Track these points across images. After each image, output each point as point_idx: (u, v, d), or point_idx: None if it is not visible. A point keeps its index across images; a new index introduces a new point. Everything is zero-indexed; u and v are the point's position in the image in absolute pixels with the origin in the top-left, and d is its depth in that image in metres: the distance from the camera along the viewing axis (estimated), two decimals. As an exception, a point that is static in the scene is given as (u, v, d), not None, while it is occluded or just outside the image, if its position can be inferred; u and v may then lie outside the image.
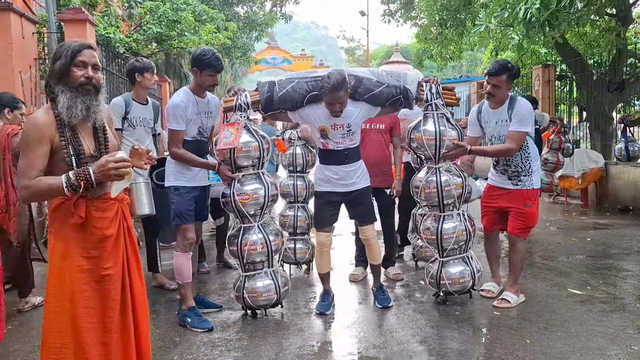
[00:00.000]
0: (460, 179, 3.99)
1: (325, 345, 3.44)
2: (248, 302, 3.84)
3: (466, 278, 4.03)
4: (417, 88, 3.94)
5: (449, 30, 11.05)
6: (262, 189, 3.79)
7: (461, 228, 3.99)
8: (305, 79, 3.84)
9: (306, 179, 5.14)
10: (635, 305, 4.02)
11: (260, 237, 3.82)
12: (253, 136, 3.77)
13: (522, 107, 3.95)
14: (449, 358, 3.16)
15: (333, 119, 3.81)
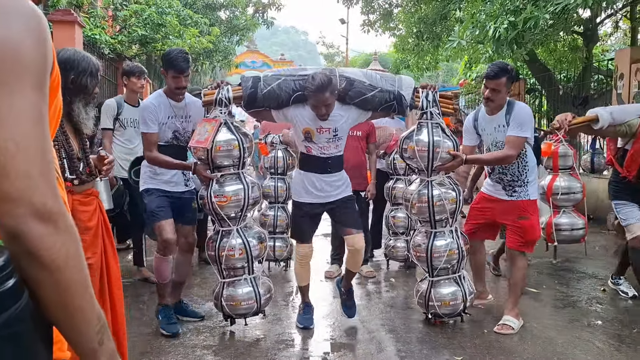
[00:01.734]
0: (454, 193, 3.69)
1: (302, 333, 3.75)
2: (227, 310, 3.62)
3: (457, 300, 3.73)
4: (412, 94, 3.69)
5: (425, 42, 11.50)
6: (242, 190, 3.51)
7: (453, 246, 3.70)
8: (293, 77, 3.57)
9: (286, 181, 5.46)
10: (584, 302, 4.42)
11: (239, 242, 3.55)
12: (233, 134, 3.47)
13: (521, 111, 3.71)
14: (414, 345, 3.50)
15: (319, 121, 3.54)
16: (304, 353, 3.41)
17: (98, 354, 0.92)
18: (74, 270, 0.86)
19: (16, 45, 0.85)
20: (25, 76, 0.85)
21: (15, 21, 0.86)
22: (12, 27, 0.85)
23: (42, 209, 0.81)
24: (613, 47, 18.89)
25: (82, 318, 0.89)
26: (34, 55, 0.87)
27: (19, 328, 0.83)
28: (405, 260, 5.52)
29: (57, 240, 0.83)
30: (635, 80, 8.58)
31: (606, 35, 16.93)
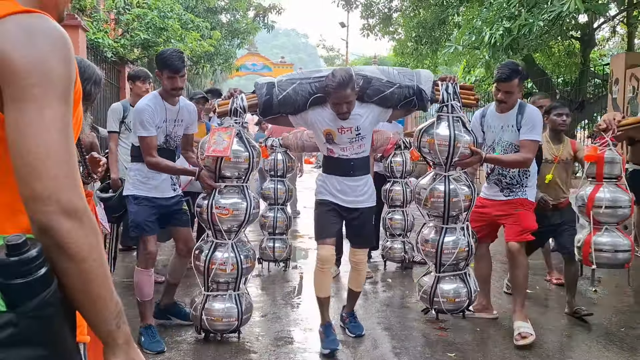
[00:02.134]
0: (469, 190, 3.64)
1: (301, 331, 3.87)
2: (205, 324, 3.45)
3: (462, 297, 3.68)
4: (432, 88, 3.57)
5: (424, 46, 11.64)
6: (243, 204, 3.42)
7: (463, 243, 3.64)
8: (308, 79, 3.47)
9: (286, 183, 5.59)
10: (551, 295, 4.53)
11: (232, 256, 3.43)
12: (244, 146, 3.39)
13: (533, 114, 3.68)
14: (408, 342, 3.62)
15: (340, 121, 3.41)
16: (302, 350, 3.53)
17: (115, 335, 1.04)
18: (96, 261, 0.99)
19: (45, 64, 0.98)
20: (53, 91, 0.98)
21: (43, 42, 0.99)
22: (41, 47, 0.99)
23: (69, 206, 0.93)
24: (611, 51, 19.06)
25: (103, 304, 1.01)
26: (60, 72, 1.00)
27: (49, 311, 0.96)
28: (402, 261, 5.64)
29: (82, 235, 0.95)
30: (630, 86, 8.70)
31: (604, 40, 17.09)
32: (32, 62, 0.96)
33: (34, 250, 0.93)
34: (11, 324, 0.91)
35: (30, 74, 0.95)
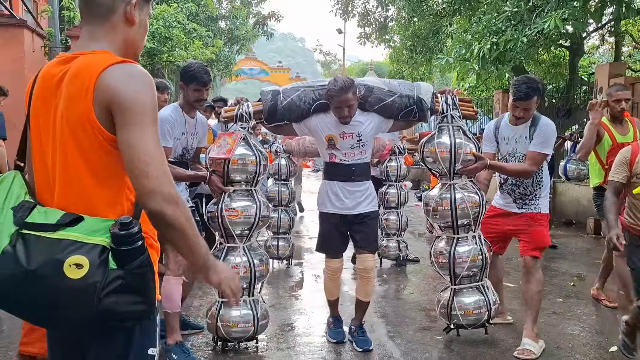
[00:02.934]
0: (477, 196, 3.59)
1: (305, 318, 4.30)
2: (222, 332, 3.43)
3: (482, 309, 3.59)
4: (431, 99, 3.66)
5: (419, 55, 12.11)
6: (253, 207, 3.45)
7: (476, 252, 3.57)
8: (312, 87, 3.61)
9: (289, 186, 6.02)
10: (553, 294, 4.97)
11: (244, 260, 3.44)
12: (251, 150, 3.47)
13: (547, 128, 3.63)
14: (401, 327, 4.06)
15: (342, 126, 3.52)
16: (307, 334, 3.95)
17: (208, 265, 1.53)
18: (190, 227, 1.44)
19: (142, 98, 1.44)
20: (148, 117, 1.44)
21: (139, 83, 1.46)
22: (139, 87, 1.45)
23: (169, 196, 1.39)
24: (601, 58, 19.58)
25: (197, 250, 1.48)
26: (151, 103, 1.46)
27: (144, 270, 1.42)
28: (397, 259, 6.08)
29: (180, 213, 1.40)
30: (613, 94, 9.17)
31: (593, 48, 17.59)
32: (135, 97, 1.42)
33: (135, 228, 1.39)
34: (120, 277, 1.36)
35: (135, 106, 1.41)
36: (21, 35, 7.39)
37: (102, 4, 1.53)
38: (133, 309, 1.39)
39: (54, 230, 1.34)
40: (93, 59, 1.45)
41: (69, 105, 1.43)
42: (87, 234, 1.35)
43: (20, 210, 1.40)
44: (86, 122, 1.41)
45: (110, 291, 1.33)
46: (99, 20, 1.54)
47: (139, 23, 1.60)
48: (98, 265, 1.32)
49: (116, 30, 1.56)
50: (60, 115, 1.45)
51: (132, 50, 1.63)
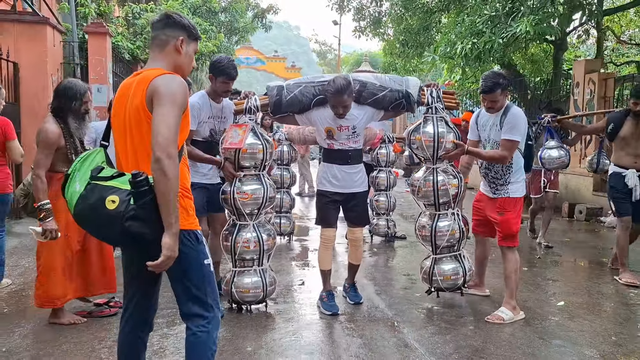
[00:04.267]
0: (456, 179, 4.08)
1: (305, 280, 5.05)
2: (235, 297, 3.97)
3: (458, 275, 4.12)
4: (418, 92, 4.08)
5: (410, 49, 12.80)
6: (261, 189, 3.92)
7: (455, 227, 4.08)
8: (312, 83, 4.04)
9: (290, 170, 6.76)
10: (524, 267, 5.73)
11: (254, 235, 3.93)
12: (259, 139, 3.89)
13: (514, 116, 3.98)
14: (388, 288, 4.82)
15: (339, 120, 3.99)
16: (308, 291, 4.71)
17: (171, 228, 2.10)
18: (175, 180, 2.09)
19: (172, 91, 2.16)
20: (174, 102, 2.16)
21: (174, 84, 2.19)
22: (172, 85, 2.18)
23: (170, 153, 2.07)
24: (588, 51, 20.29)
25: (171, 205, 2.08)
26: (180, 95, 2.18)
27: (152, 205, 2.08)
28: (386, 235, 6.84)
29: (172, 166, 2.07)
30: (588, 89, 9.93)
31: (580, 43, 18.27)
32: (166, 89, 2.16)
33: (141, 178, 2.08)
34: (133, 209, 2.06)
35: (164, 94, 2.15)
36: (44, 32, 8.03)
37: (161, 40, 2.33)
38: (141, 231, 2.08)
39: (105, 181, 2.15)
40: (151, 72, 2.24)
41: (133, 100, 2.21)
42: (122, 183, 2.12)
43: (95, 170, 2.21)
44: (140, 110, 2.19)
45: (128, 217, 2.05)
46: (158, 49, 2.35)
47: (185, 54, 2.37)
48: (123, 201, 2.07)
49: (168, 56, 2.34)
50: (128, 108, 2.24)
51: (180, 71, 2.37)
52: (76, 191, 2.22)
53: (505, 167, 4.07)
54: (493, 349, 3.46)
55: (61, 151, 3.71)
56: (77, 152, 3.76)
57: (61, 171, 3.66)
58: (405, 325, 3.87)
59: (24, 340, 3.53)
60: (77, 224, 2.32)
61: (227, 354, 3.32)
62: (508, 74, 13.47)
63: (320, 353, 3.40)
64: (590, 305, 4.41)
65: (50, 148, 3.64)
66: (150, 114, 2.17)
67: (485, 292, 4.64)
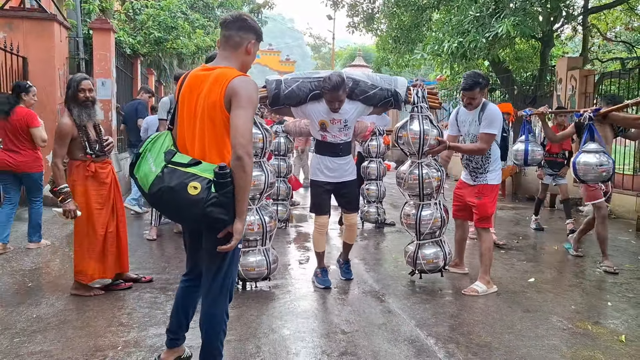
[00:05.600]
0: (439, 173, 4.44)
1: (302, 258, 5.52)
2: (242, 274, 4.31)
3: (439, 259, 4.53)
4: (406, 92, 4.44)
5: (402, 45, 13.24)
6: (262, 175, 4.24)
7: (437, 215, 4.47)
8: (309, 79, 4.33)
9: (287, 161, 7.20)
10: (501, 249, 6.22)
11: (257, 218, 4.22)
12: (259, 129, 4.21)
13: (491, 112, 4.37)
14: (377, 265, 5.29)
15: (332, 114, 4.30)
16: (302, 268, 5.18)
17: (243, 215, 2.44)
18: (250, 177, 2.43)
19: (248, 94, 2.46)
20: (252, 105, 2.47)
21: (250, 86, 2.48)
22: (249, 88, 2.47)
23: (249, 152, 2.38)
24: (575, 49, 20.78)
25: (245, 199, 2.42)
26: (255, 98, 2.49)
27: (231, 194, 2.39)
28: (376, 222, 7.31)
29: (251, 163, 2.40)
30: (570, 85, 10.42)
31: (567, 39, 18.75)
32: (246, 93, 2.42)
33: (228, 170, 2.38)
34: (215, 197, 2.35)
35: (244, 97, 2.41)
36: (52, 28, 8.41)
37: (235, 41, 2.60)
38: (220, 216, 2.35)
39: (185, 167, 2.42)
40: (227, 70, 2.50)
41: (209, 95, 2.47)
42: (202, 171, 2.38)
43: (168, 154, 2.48)
44: (217, 106, 2.44)
45: (210, 204, 2.31)
46: (231, 49, 2.61)
47: (253, 54, 2.67)
48: (205, 188, 2.33)
49: (239, 56, 2.62)
50: (202, 101, 2.49)
51: (245, 70, 2.66)
52: (152, 172, 2.45)
53: (484, 157, 4.50)
54: (466, 315, 3.94)
55: (76, 140, 4.18)
56: (90, 140, 4.23)
57: (79, 158, 4.22)
58: (390, 296, 4.34)
59: (51, 309, 3.96)
60: (150, 204, 2.57)
61: (233, 319, 3.78)
62: (495, 70, 14.01)
63: (314, 318, 3.87)
64: (557, 281, 4.90)
65: (63, 139, 4.12)
66: (227, 112, 2.41)
67: (465, 270, 5.11)
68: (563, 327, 3.74)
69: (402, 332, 3.59)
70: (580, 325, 3.79)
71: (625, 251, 6.24)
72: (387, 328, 3.67)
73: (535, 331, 3.66)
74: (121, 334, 3.49)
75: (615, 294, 4.55)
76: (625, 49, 17.46)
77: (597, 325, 3.80)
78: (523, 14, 6.83)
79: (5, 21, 8.19)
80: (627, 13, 16.12)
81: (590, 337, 3.59)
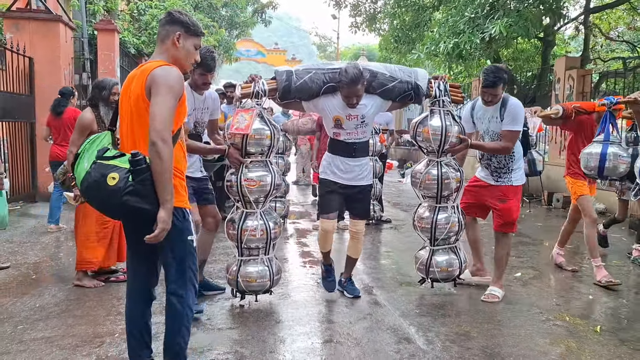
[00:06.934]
0: (459, 173, 4.09)
1: (302, 252, 5.69)
2: (241, 286, 3.85)
3: (454, 267, 4.17)
4: (427, 85, 4.02)
5: (403, 45, 13.40)
6: (268, 176, 3.78)
7: (454, 219, 4.12)
8: (322, 70, 3.91)
9: (285, 159, 7.39)
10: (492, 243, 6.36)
11: (261, 223, 3.81)
12: (266, 124, 3.75)
13: (514, 107, 4.03)
14: (367, 261, 5.46)
15: (348, 109, 3.88)
16: (301, 264, 5.35)
17: (167, 204, 2.40)
18: (169, 162, 2.38)
19: (171, 82, 2.46)
20: (171, 92, 2.45)
21: (171, 74, 2.49)
22: (168, 75, 2.47)
23: (164, 137, 2.37)
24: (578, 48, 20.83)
25: (166, 185, 2.39)
26: (176, 85, 2.47)
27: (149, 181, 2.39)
28: (373, 218, 7.47)
29: (166, 150, 2.37)
30: (567, 84, 10.53)
31: (570, 38, 18.82)
32: (164, 81, 2.43)
33: (141, 156, 2.37)
34: (132, 185, 2.34)
35: (162, 85, 2.42)
36: (57, 29, 8.63)
37: (162, 35, 2.62)
38: (137, 205, 2.35)
39: (108, 160, 2.42)
40: (153, 63, 2.52)
41: (135, 89, 2.50)
42: (122, 162, 2.39)
43: (101, 150, 2.48)
44: (140, 98, 2.47)
45: (126, 193, 2.33)
46: (160, 44, 2.64)
47: (181, 47, 2.60)
48: (122, 178, 2.34)
49: (169, 50, 2.60)
50: (130, 96, 2.52)
51: (178, 64, 2.61)
52: (84, 169, 2.48)
53: (507, 156, 4.16)
54: (450, 307, 4.09)
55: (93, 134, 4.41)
56: None
57: None
58: (378, 289, 4.51)
59: (53, 299, 4.15)
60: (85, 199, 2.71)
61: (225, 310, 3.96)
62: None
63: (304, 307, 4.05)
64: (542, 277, 5.05)
65: (83, 130, 4.37)
66: (149, 102, 2.43)
67: (487, 277, 4.56)
68: (542, 318, 3.89)
69: (385, 322, 3.75)
70: (559, 317, 3.93)
71: (615, 247, 6.37)
72: (372, 318, 3.84)
73: (515, 322, 3.81)
74: (119, 322, 3.67)
75: (598, 288, 4.68)
76: (628, 49, 17.49)
77: (575, 317, 3.94)
78: (516, 15, 6.97)
79: (12, 22, 8.42)
80: (630, 13, 16.19)
81: (567, 328, 3.73)
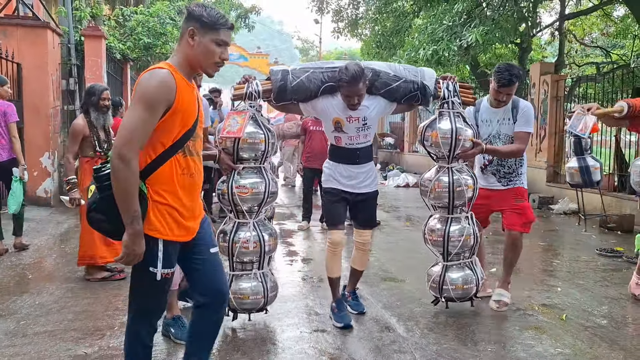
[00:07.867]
0: (472, 180, 3.78)
1: (292, 254, 5.92)
2: (233, 304, 3.51)
3: (471, 285, 3.83)
4: (434, 85, 3.74)
5: (384, 51, 13.74)
6: (262, 183, 3.48)
7: (469, 232, 3.78)
8: (321, 69, 3.63)
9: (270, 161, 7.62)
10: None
11: (254, 234, 3.49)
12: (260, 128, 3.47)
13: (528, 109, 3.91)
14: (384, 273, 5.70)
15: (349, 111, 3.59)
16: (284, 259, 5.58)
17: (128, 228, 2.07)
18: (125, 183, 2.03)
19: (145, 88, 2.07)
20: (142, 101, 2.05)
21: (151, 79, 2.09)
22: (146, 81, 2.09)
23: (120, 154, 2.01)
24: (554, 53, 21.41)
25: (126, 207, 2.06)
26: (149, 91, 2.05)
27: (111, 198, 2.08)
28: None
29: (123, 169, 2.02)
30: (542, 89, 10.92)
31: (546, 44, 19.38)
32: (139, 88, 2.09)
33: (101, 173, 2.14)
34: (96, 202, 2.15)
35: (136, 93, 2.10)
36: (45, 35, 8.75)
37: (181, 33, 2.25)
38: (101, 225, 2.18)
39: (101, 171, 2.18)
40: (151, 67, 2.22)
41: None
42: None
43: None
44: None
45: (92, 209, 2.17)
46: (178, 43, 2.28)
47: (197, 44, 2.17)
48: (94, 192, 2.18)
49: (183, 48, 2.22)
50: None
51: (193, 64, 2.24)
52: None
53: (517, 160, 4.03)
54: (428, 300, 4.36)
55: (87, 139, 4.71)
56: (100, 140, 4.78)
57: (88, 155, 4.73)
58: (363, 285, 4.75)
59: (51, 297, 4.35)
60: None
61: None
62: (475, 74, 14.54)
63: (292, 301, 4.31)
64: (517, 271, 5.34)
65: (75, 136, 4.64)
66: None
67: (488, 291, 4.37)
68: (513, 308, 4.18)
69: (368, 313, 4.02)
70: (529, 307, 4.23)
71: (585, 245, 6.73)
72: (356, 310, 4.09)
73: (488, 312, 4.10)
74: (117, 317, 3.89)
75: (567, 280, 5.01)
76: (602, 54, 18.08)
77: (544, 306, 4.25)
78: (492, 23, 7.31)
79: (0, 29, 8.54)
80: (603, 19, 16.77)
81: (535, 316, 4.04)
